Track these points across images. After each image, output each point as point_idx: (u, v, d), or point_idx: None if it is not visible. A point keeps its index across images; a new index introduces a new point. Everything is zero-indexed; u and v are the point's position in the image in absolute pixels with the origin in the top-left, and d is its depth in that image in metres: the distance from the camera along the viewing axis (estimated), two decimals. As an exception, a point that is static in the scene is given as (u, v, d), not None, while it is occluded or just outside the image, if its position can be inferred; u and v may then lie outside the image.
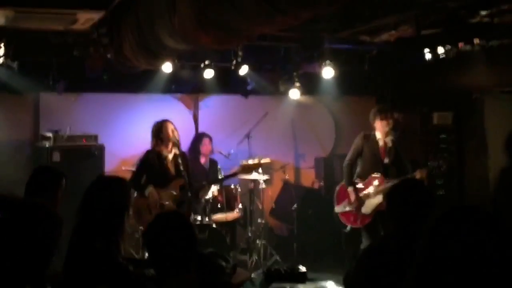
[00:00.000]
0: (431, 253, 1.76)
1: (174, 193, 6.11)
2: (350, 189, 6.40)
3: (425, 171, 6.26)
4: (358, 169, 6.52)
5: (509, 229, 1.73)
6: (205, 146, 7.65)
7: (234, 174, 6.83)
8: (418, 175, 6.14)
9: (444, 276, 1.71)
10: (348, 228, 6.61)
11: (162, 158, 6.16)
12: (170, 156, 6.19)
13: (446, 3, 5.07)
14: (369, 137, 6.48)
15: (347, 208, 6.44)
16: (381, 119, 6.40)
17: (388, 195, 3.13)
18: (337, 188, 6.68)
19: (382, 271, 2.82)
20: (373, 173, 6.37)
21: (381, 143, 6.45)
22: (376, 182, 6.32)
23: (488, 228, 1.73)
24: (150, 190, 6.01)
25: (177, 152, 6.23)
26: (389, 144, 6.45)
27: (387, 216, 3.06)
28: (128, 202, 3.41)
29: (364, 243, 6.33)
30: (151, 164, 6.13)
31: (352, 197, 6.38)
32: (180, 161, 6.17)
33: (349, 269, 3.13)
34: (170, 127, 6.17)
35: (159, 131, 6.15)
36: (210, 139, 7.74)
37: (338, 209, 6.57)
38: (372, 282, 2.85)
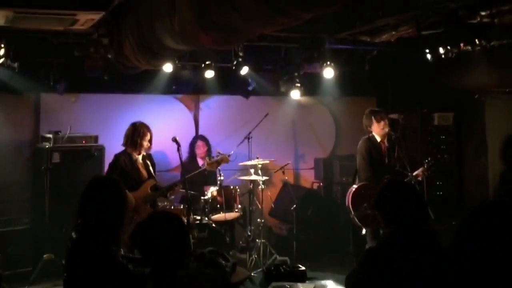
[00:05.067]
0: (463, 246, 1.81)
1: (146, 194, 6.11)
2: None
3: (420, 171, 6.25)
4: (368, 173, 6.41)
5: None
6: (199, 149, 7.68)
7: (202, 170, 6.89)
8: (414, 174, 6.13)
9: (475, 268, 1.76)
10: (364, 231, 6.41)
11: (133, 161, 6.15)
12: (140, 158, 6.20)
13: (446, 4, 5.07)
14: (371, 140, 6.50)
15: (368, 211, 6.14)
16: (377, 121, 6.41)
17: (376, 200, 3.11)
18: (351, 193, 6.39)
19: (383, 272, 2.82)
20: (380, 174, 6.29)
21: (382, 144, 6.49)
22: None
23: None
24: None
25: (144, 153, 6.25)
26: (387, 144, 6.48)
27: (382, 220, 3.05)
28: (125, 201, 3.41)
29: (369, 243, 6.29)
30: (122, 168, 6.07)
31: None
32: (148, 162, 6.22)
33: (352, 270, 3.12)
34: (147, 137, 6.14)
35: (137, 136, 6.11)
36: (205, 141, 7.75)
37: (357, 213, 6.26)
38: (373, 283, 2.85)
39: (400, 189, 3.08)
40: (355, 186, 6.43)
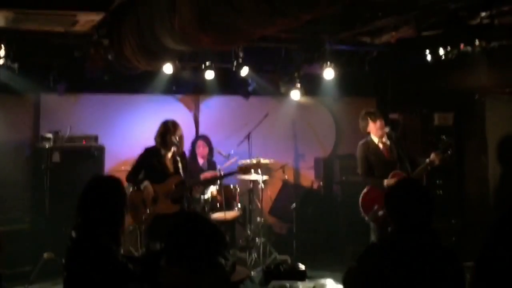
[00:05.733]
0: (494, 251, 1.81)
1: (170, 189, 6.16)
2: (390, 181, 6.10)
3: (439, 154, 6.21)
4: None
5: None
6: (199, 149, 7.70)
7: (231, 173, 6.88)
8: (432, 157, 6.10)
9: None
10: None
11: (161, 156, 6.23)
12: (169, 154, 6.26)
13: (446, 4, 5.07)
14: (368, 144, 6.42)
15: (381, 213, 5.96)
16: (373, 121, 6.37)
17: (386, 196, 3.12)
18: (361, 197, 6.28)
19: (381, 270, 2.83)
20: (385, 173, 6.22)
21: (380, 145, 6.44)
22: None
23: None
24: (145, 184, 6.11)
25: (176, 150, 6.28)
26: (387, 142, 6.44)
27: (388, 216, 3.06)
28: (125, 200, 3.43)
29: (372, 238, 6.22)
30: (149, 161, 6.20)
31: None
32: (178, 159, 6.26)
33: (349, 267, 3.13)
34: (176, 135, 6.19)
35: (167, 134, 6.18)
36: (206, 141, 7.76)
37: (370, 216, 6.12)
38: (371, 280, 2.86)
39: (411, 187, 3.08)
40: (364, 190, 6.29)
